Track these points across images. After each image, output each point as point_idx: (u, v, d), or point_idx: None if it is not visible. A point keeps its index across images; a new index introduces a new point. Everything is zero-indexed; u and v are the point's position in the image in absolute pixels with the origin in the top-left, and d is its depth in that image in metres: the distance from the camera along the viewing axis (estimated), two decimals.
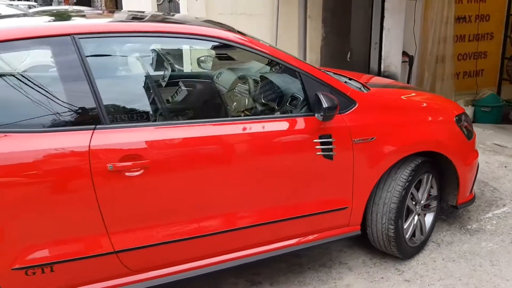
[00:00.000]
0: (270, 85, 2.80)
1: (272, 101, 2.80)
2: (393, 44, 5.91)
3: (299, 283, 2.83)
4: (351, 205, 2.71)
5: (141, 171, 2.17)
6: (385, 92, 3.18)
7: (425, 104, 3.11)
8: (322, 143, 2.52)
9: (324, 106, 2.36)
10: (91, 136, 2.11)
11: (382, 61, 5.89)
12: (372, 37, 6.13)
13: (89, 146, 2.09)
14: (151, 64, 2.92)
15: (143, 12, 2.88)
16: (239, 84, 2.96)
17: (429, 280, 2.77)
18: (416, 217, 2.95)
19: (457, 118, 3.04)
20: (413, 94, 3.32)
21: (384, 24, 5.89)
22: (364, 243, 3.08)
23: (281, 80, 2.77)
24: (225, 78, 3.08)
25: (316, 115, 2.46)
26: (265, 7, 7.26)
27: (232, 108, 2.88)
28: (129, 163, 2.14)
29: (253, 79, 2.89)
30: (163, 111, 2.57)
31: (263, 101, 2.80)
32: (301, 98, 2.60)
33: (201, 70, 3.36)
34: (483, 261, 2.91)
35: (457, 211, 3.46)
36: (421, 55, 6.35)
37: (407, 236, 2.89)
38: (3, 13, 5.98)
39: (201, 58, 3.34)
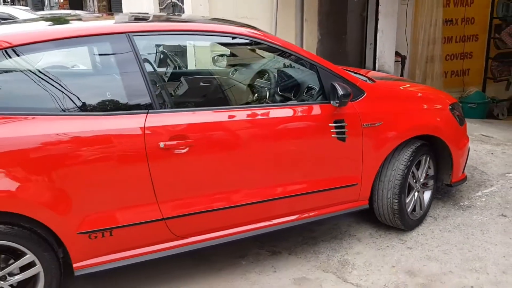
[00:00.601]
0: (288, 77, 3.19)
1: (289, 92, 3.20)
2: (386, 45, 6.36)
3: (314, 252, 3.21)
4: (361, 182, 3.10)
5: (187, 149, 2.54)
6: (387, 83, 3.60)
7: (420, 94, 3.53)
8: (336, 127, 2.92)
9: (340, 93, 2.76)
10: (145, 119, 2.47)
11: (377, 61, 6.34)
12: (367, 38, 6.57)
13: (144, 127, 2.46)
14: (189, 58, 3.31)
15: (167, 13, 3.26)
16: (261, 76, 3.34)
17: (428, 247, 3.18)
18: (416, 194, 3.36)
19: (450, 106, 3.47)
20: (409, 85, 3.74)
21: (379, 26, 6.33)
22: (369, 218, 3.47)
23: (297, 73, 3.17)
24: (248, 71, 3.47)
25: (331, 102, 2.85)
26: (264, 12, 7.65)
27: (256, 97, 3.27)
28: (177, 142, 2.51)
29: (274, 72, 3.29)
30: (203, 98, 2.95)
31: (281, 91, 3.20)
32: (317, 88, 3.00)
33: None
34: (475, 231, 3.33)
35: (450, 191, 3.88)
36: (412, 55, 6.80)
37: (408, 210, 3.29)
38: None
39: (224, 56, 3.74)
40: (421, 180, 3.37)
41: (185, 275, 2.94)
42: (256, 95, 3.28)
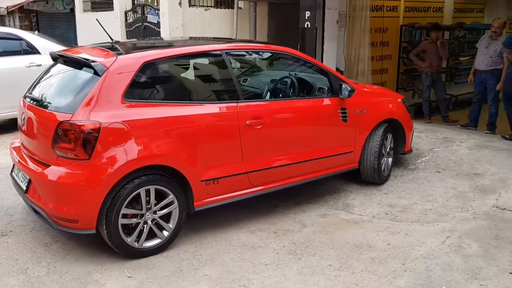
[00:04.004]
0: (304, 81, 4.70)
1: (301, 91, 4.70)
2: (330, 63, 8.12)
3: (324, 200, 4.69)
4: (354, 150, 4.67)
5: (261, 126, 3.91)
6: (364, 85, 5.25)
7: (383, 92, 5.23)
8: (341, 113, 4.47)
9: (349, 89, 4.32)
10: (237, 105, 3.82)
11: None
12: (317, 57, 8.29)
13: (237, 111, 3.80)
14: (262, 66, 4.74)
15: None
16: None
17: (397, 192, 4.82)
18: (385, 158, 5.00)
19: (402, 100, 5.21)
20: (375, 87, 5.44)
21: (324, 48, 8.09)
22: (353, 180, 5.03)
23: (310, 78, 4.69)
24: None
25: (340, 96, 4.39)
26: (225, 35, 9.10)
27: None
28: (255, 121, 3.88)
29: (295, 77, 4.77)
30: (269, 92, 4.36)
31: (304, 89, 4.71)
32: (326, 88, 4.52)
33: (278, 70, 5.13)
34: (423, 181, 5.05)
35: (401, 159, 5.59)
36: (348, 70, 8.64)
37: (382, 169, 4.92)
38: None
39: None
40: (387, 150, 5.02)
41: (244, 218, 4.24)
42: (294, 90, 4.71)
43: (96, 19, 4.18)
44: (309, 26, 7.74)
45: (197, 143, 3.62)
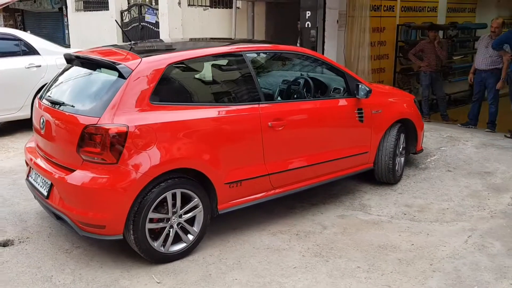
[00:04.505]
0: (319, 81, 4.67)
1: (317, 91, 4.68)
2: None
3: (340, 201, 4.68)
4: (370, 150, 4.67)
5: (282, 127, 3.88)
6: (377, 85, 5.26)
7: (396, 92, 5.25)
8: (358, 113, 4.46)
9: (367, 90, 4.31)
10: (259, 107, 3.78)
11: None
12: None
13: (260, 112, 3.76)
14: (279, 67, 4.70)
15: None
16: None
17: (412, 192, 4.84)
18: (398, 158, 5.01)
19: (414, 100, 5.23)
20: (387, 86, 5.46)
21: (325, 48, 8.10)
22: (366, 180, 5.03)
23: (325, 78, 4.67)
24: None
25: (357, 96, 4.38)
26: (224, 35, 9.03)
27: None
28: (277, 122, 3.84)
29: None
30: (285, 93, 4.33)
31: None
32: (342, 89, 4.50)
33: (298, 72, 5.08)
34: (436, 180, 5.08)
35: (411, 160, 5.61)
36: (348, 69, 8.63)
37: (396, 168, 4.93)
38: None
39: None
40: (400, 149, 5.04)
41: (263, 220, 4.21)
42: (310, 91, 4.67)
43: (115, 20, 4.10)
44: (309, 25, 7.74)
45: (221, 146, 3.57)
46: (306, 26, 7.77)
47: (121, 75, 3.28)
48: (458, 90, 11.33)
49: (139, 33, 9.10)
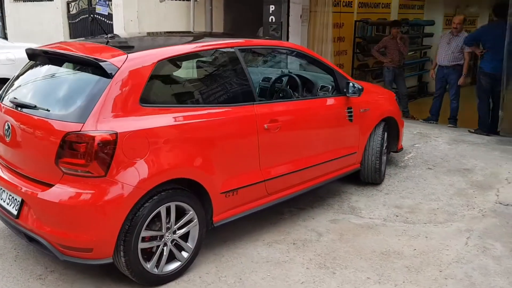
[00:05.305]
0: (308, 79, 4.42)
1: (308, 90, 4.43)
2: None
3: (328, 205, 4.46)
4: (358, 150, 4.48)
5: (278, 129, 3.59)
6: (360, 82, 5.08)
7: (379, 89, 5.10)
8: (348, 112, 4.25)
9: (359, 88, 4.10)
10: (254, 107, 3.46)
11: None
12: None
13: (255, 114, 3.44)
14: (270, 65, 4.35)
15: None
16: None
17: (398, 192, 4.71)
18: (384, 156, 4.87)
19: (395, 97, 5.11)
20: (369, 84, 5.30)
21: None
22: (349, 181, 4.85)
23: (313, 76, 4.42)
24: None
25: (348, 94, 4.17)
26: (182, 29, 8.59)
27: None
28: (273, 124, 3.54)
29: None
30: (282, 93, 4.03)
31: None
32: (331, 87, 4.28)
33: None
34: (419, 179, 4.99)
35: (391, 159, 5.51)
36: None
37: (382, 168, 4.79)
38: None
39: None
40: (384, 148, 4.90)
41: (254, 229, 3.91)
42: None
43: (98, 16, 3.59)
44: (273, 20, 7.48)
45: (217, 152, 3.23)
46: (270, 20, 7.51)
47: (105, 74, 2.83)
48: (408, 86, 11.52)
49: (89, 26, 8.42)
